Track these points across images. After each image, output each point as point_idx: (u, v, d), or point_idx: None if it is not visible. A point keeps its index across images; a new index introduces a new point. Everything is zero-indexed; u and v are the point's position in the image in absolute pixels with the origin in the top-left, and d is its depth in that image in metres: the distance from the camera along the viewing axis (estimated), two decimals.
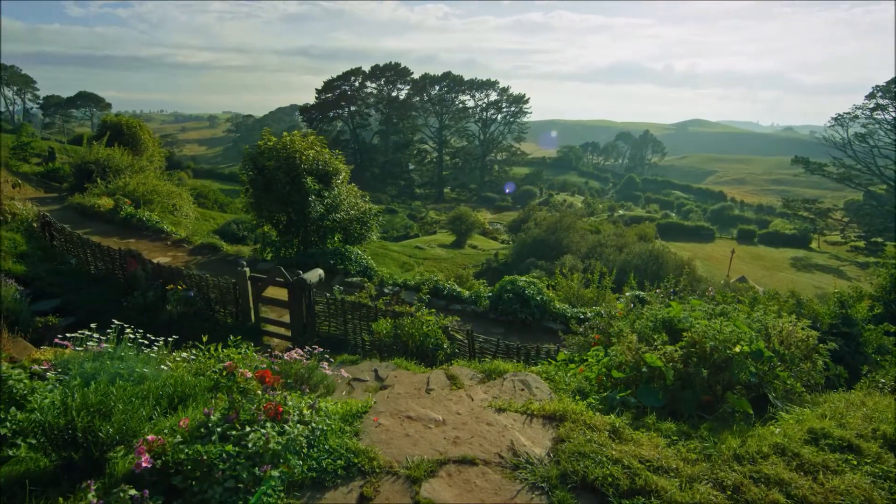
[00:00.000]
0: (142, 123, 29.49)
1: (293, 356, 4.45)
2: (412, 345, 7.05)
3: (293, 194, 12.09)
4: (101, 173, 20.27)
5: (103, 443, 2.77)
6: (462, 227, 45.89)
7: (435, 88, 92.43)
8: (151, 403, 3.29)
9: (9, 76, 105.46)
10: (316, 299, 8.30)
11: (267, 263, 12.57)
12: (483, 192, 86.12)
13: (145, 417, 3.07)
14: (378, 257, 36.54)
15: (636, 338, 4.72)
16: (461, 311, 10.71)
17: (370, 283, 11.29)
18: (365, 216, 13.32)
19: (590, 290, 13.09)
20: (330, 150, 13.62)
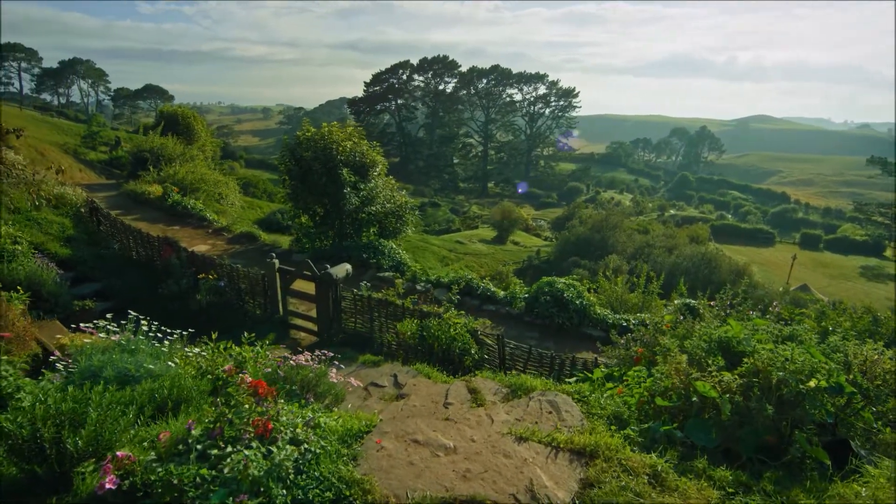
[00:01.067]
0: (195, 114, 30.48)
1: (300, 360, 4.14)
2: (438, 348, 6.65)
3: (329, 185, 11.95)
4: (155, 161, 21.00)
5: (71, 456, 2.52)
6: (504, 222, 45.12)
7: (482, 82, 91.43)
8: (135, 410, 3.04)
9: (84, 70, 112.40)
10: (342, 294, 8.05)
11: (302, 255, 12.51)
12: (527, 187, 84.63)
13: (125, 427, 2.81)
14: (418, 251, 36.44)
15: (686, 359, 4.11)
16: (495, 312, 10.22)
17: (401, 278, 10.99)
18: (401, 210, 13.02)
19: (635, 294, 12.25)
20: (368, 142, 13.39)
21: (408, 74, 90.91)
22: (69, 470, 2.53)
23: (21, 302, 6.58)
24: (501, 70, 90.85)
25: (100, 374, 4.27)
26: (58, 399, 2.75)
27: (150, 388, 3.46)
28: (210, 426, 2.81)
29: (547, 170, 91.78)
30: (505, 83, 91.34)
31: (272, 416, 2.99)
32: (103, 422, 2.69)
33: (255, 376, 4.12)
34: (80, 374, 4.26)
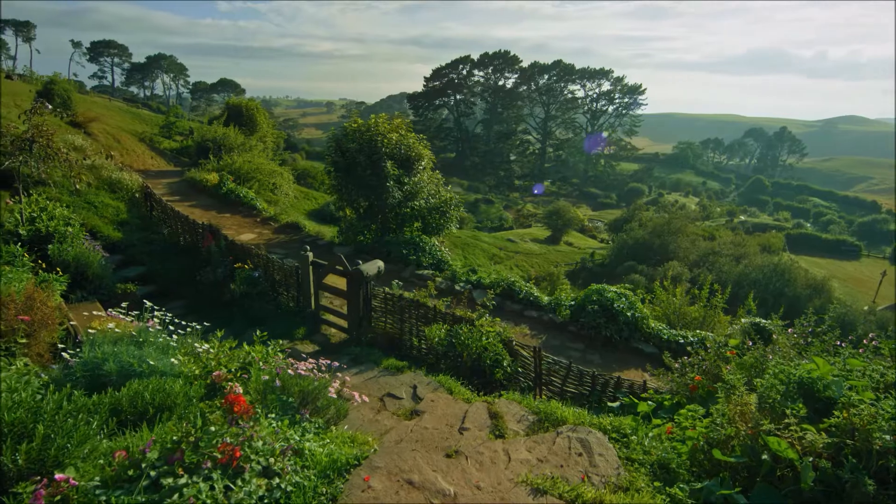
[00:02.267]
0: (259, 106, 31.51)
1: (301, 369, 3.75)
2: (467, 357, 6.13)
3: (372, 178, 11.68)
4: (217, 151, 21.78)
5: (9, 473, 2.23)
6: (559, 222, 43.73)
7: (543, 77, 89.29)
8: (100, 420, 2.74)
9: (168, 65, 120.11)
10: (373, 292, 7.69)
11: (343, 248, 12.36)
12: (585, 187, 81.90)
13: (80, 441, 2.50)
14: (468, 247, 35.96)
15: (755, 401, 3.36)
16: (537, 318, 9.55)
17: (440, 277, 10.54)
18: (445, 206, 12.56)
19: (695, 307, 11.12)
20: (416, 135, 13.01)
21: (468, 70, 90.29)
22: (8, 489, 2.24)
23: (60, 283, 6.71)
24: (564, 65, 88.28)
25: (101, 367, 4.11)
26: (14, 404, 2.47)
27: (133, 392, 3.17)
28: (171, 448, 2.45)
29: (607, 169, 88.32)
30: (567, 79, 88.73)
31: (246, 440, 2.59)
32: (53, 435, 2.39)
33: (257, 382, 3.79)
34: (81, 367, 4.10)
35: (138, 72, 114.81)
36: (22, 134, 7.11)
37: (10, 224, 7.83)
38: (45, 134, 7.17)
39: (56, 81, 28.49)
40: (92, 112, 21.38)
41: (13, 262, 6.60)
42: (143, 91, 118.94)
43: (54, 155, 7.33)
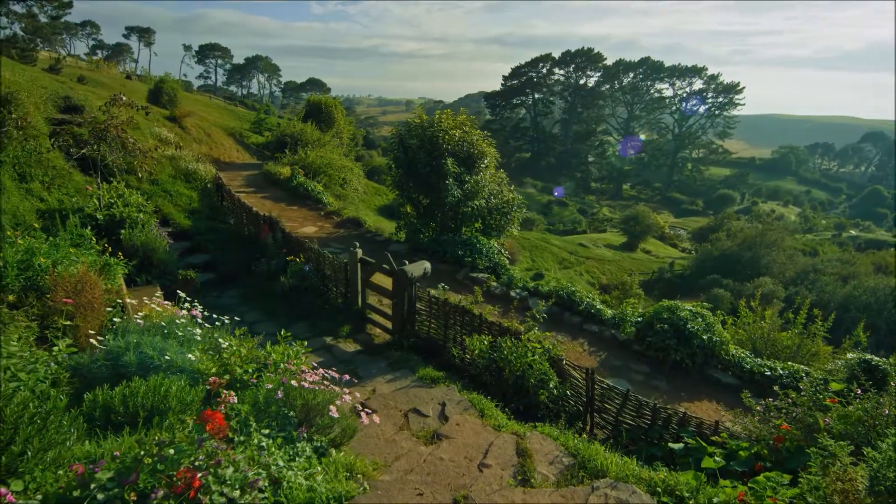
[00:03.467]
0: (337, 103, 32.54)
1: (307, 380, 3.42)
2: (509, 374, 5.57)
3: (432, 176, 11.36)
4: (293, 145, 22.68)
5: None
6: (636, 228, 41.28)
7: (628, 76, 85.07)
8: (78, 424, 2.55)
9: (263, 65, 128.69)
10: (418, 294, 7.33)
11: (400, 245, 12.18)
12: (668, 192, 76.97)
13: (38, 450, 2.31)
14: (536, 250, 34.88)
15: (865, 480, 2.55)
16: (597, 334, 8.72)
17: (495, 281, 9.99)
18: (506, 206, 11.96)
19: (788, 334, 9.63)
20: (480, 132, 12.53)
21: (548, 68, 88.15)
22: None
23: (122, 268, 7.00)
24: (652, 63, 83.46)
25: (120, 358, 4.06)
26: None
27: (126, 392, 3.00)
28: (129, 467, 2.18)
29: (694, 174, 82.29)
30: (654, 77, 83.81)
31: (213, 466, 2.27)
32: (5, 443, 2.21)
33: (261, 391, 3.52)
34: (103, 356, 4.08)
35: (237, 72, 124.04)
36: (98, 124, 7.58)
37: (90, 209, 8.37)
38: (117, 125, 7.58)
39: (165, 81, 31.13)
40: (186, 108, 23.05)
41: (81, 244, 6.96)
42: (240, 90, 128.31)
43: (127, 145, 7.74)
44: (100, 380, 3.94)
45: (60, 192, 8.85)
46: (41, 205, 8.45)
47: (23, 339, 3.97)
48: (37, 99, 11.30)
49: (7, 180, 8.47)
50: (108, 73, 55.22)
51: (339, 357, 7.18)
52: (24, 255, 5.53)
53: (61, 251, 6.06)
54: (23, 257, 5.50)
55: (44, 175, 8.97)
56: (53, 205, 8.58)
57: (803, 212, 65.65)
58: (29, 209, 8.19)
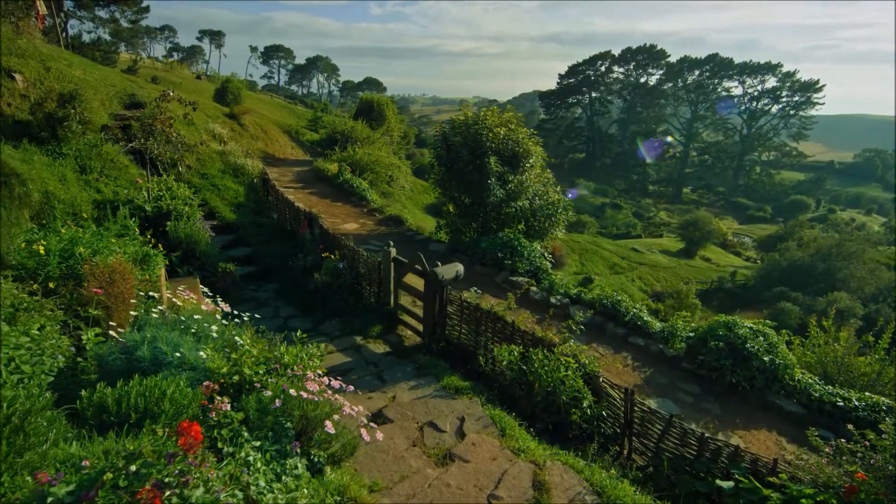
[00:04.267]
0: (389, 102, 32.88)
1: (302, 391, 3.19)
2: (539, 389, 5.17)
3: (474, 174, 11.03)
4: (344, 143, 23.05)
5: None
6: (695, 233, 39.10)
7: (693, 73, 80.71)
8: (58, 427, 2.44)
9: (323, 65, 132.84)
10: (449, 298, 7.04)
11: (439, 245, 11.94)
12: (733, 196, 72.49)
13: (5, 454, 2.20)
14: (586, 254, 33.72)
15: None
16: (643, 348, 8.09)
17: (535, 286, 9.53)
18: (551, 208, 11.43)
19: (867, 359, 8.56)
20: (527, 130, 12.06)
21: (607, 66, 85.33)
22: None
23: (163, 259, 7.16)
24: (720, 60, 78.74)
25: (134, 352, 4.03)
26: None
27: (119, 392, 2.89)
28: (90, 482, 2.02)
29: (763, 177, 76.94)
30: (722, 75, 78.99)
31: (181, 485, 2.08)
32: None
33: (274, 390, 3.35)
34: (118, 349, 4.07)
35: (299, 72, 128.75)
36: (145, 119, 7.84)
37: (140, 200, 8.68)
38: (163, 120, 7.82)
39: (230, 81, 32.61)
40: (245, 106, 23.93)
41: (125, 234, 7.18)
42: (301, 89, 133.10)
43: (171, 139, 7.96)
44: (116, 373, 3.92)
45: (116, 184, 9.26)
46: (97, 195, 8.86)
47: (46, 327, 4.01)
48: (103, 96, 11.93)
49: (69, 172, 8.94)
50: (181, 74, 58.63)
51: (367, 358, 7.02)
52: (67, 244, 5.71)
53: (104, 241, 6.24)
54: (66, 246, 5.67)
55: (102, 167, 9.41)
56: (108, 196, 8.98)
57: (889, 222, 59.67)
58: (86, 199, 8.60)
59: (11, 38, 10.70)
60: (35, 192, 7.89)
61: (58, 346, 3.87)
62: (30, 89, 9.81)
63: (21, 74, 9.93)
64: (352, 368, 6.71)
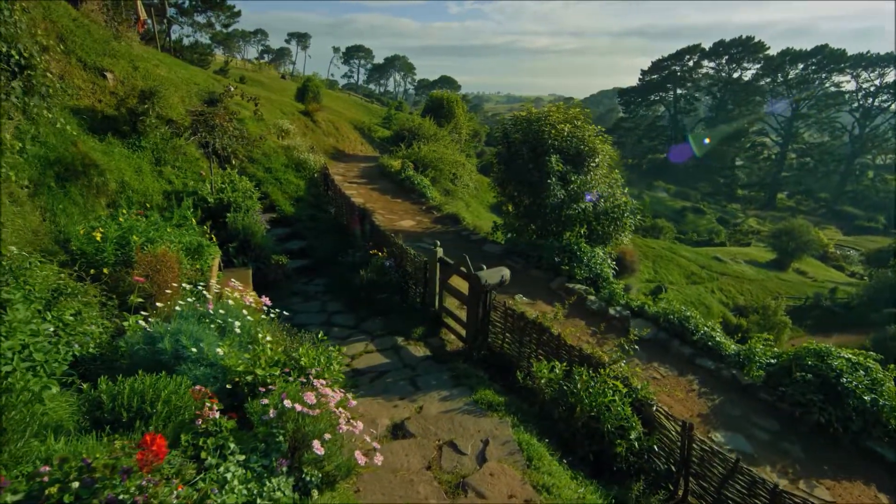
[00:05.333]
0: (458, 99, 32.73)
1: (301, 403, 2.94)
2: (580, 413, 4.64)
3: (534, 173, 10.45)
4: (410, 139, 23.16)
5: None
6: (789, 243, 35.44)
7: (796, 67, 73.16)
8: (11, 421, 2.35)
9: (400, 64, 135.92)
10: (494, 304, 6.62)
11: (495, 246, 11.50)
12: (838, 204, 65.01)
13: None
14: (660, 261, 31.61)
15: None
16: (713, 371, 7.19)
17: (593, 295, 8.84)
18: (616, 211, 10.58)
19: None
20: (594, 127, 11.28)
21: (695, 60, 79.84)
22: None
23: (216, 249, 7.36)
24: (830, 52, 70.72)
25: (156, 343, 4.03)
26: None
27: (113, 390, 2.81)
28: (35, 495, 1.88)
29: (877, 184, 68.20)
30: (832, 68, 70.88)
31: None
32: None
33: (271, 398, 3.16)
34: (143, 340, 4.09)
35: (377, 71, 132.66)
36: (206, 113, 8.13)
37: (204, 192, 9.06)
38: (220, 115, 8.06)
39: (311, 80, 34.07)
40: (318, 104, 24.76)
41: (183, 224, 7.46)
42: (378, 88, 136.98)
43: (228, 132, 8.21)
44: (140, 364, 3.94)
45: (185, 176, 9.75)
46: (167, 186, 9.36)
47: (82, 312, 4.11)
48: (183, 93, 12.67)
49: (145, 163, 9.52)
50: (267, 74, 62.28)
51: (405, 360, 6.79)
52: (125, 232, 5.97)
53: (159, 230, 6.48)
54: (123, 234, 5.93)
55: (174, 160, 9.95)
56: (178, 187, 9.46)
57: None
58: (157, 190, 9.10)
59: (108, 40, 11.63)
60: (112, 181, 8.44)
61: (87, 332, 3.96)
62: (118, 87, 10.59)
63: (112, 73, 10.75)
64: (388, 371, 6.50)
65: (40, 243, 5.94)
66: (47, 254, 5.60)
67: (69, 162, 7.48)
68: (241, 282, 7.36)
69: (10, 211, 5.56)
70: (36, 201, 6.63)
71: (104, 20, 12.98)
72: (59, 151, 7.42)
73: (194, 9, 37.46)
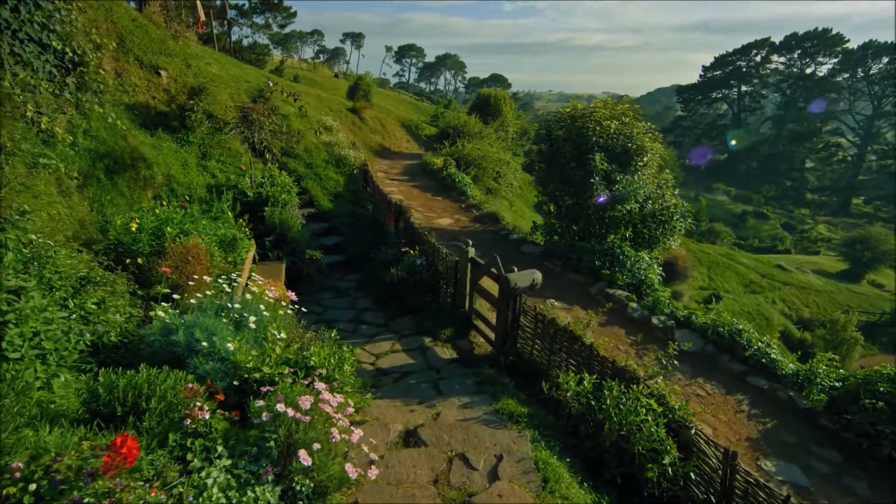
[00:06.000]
0: (506, 97, 32.25)
1: (295, 408, 2.79)
2: (608, 432, 4.28)
3: (576, 172, 9.98)
4: (455, 137, 22.98)
5: None
6: (864, 253, 32.64)
7: (880, 61, 67.04)
8: None
9: (451, 63, 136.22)
10: (524, 308, 6.30)
11: (534, 247, 11.11)
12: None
13: None
14: (716, 267, 29.88)
15: None
16: (766, 392, 6.55)
17: (635, 303, 8.31)
18: (665, 214, 9.92)
19: None
20: (644, 125, 10.65)
21: (763, 55, 74.97)
22: None
23: (249, 241, 7.45)
24: None
25: (170, 335, 4.02)
26: None
27: (109, 382, 2.77)
28: None
29: None
30: None
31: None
32: None
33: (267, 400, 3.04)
34: (160, 331, 4.10)
35: (427, 70, 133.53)
36: (244, 109, 8.27)
37: (244, 186, 9.25)
38: (258, 110, 8.17)
39: (362, 79, 34.71)
40: (364, 102, 25.05)
41: (219, 217, 7.60)
42: (428, 86, 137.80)
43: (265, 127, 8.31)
44: (155, 355, 3.96)
45: (229, 170, 10.00)
46: (211, 180, 9.63)
47: (106, 301, 4.18)
48: (232, 90, 13.05)
49: (191, 158, 9.84)
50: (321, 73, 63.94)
51: (430, 362, 6.60)
52: (160, 223, 6.11)
53: (193, 222, 6.61)
54: (159, 225, 6.08)
55: (219, 154, 10.24)
56: (221, 180, 9.72)
57: None
58: (201, 183, 9.38)
59: (164, 39, 12.14)
60: (158, 174, 8.76)
61: (108, 321, 4.03)
62: (171, 84, 11.03)
63: (166, 71, 11.21)
64: (412, 372, 6.34)
65: (85, 233, 6.20)
66: (91, 243, 5.84)
67: (118, 155, 7.80)
68: (273, 276, 7.43)
69: (54, 201, 5.80)
70: (85, 192, 6.93)
71: (164, 21, 13.60)
72: (109, 145, 7.75)
73: (253, 10, 38.94)
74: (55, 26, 6.63)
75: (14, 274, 3.22)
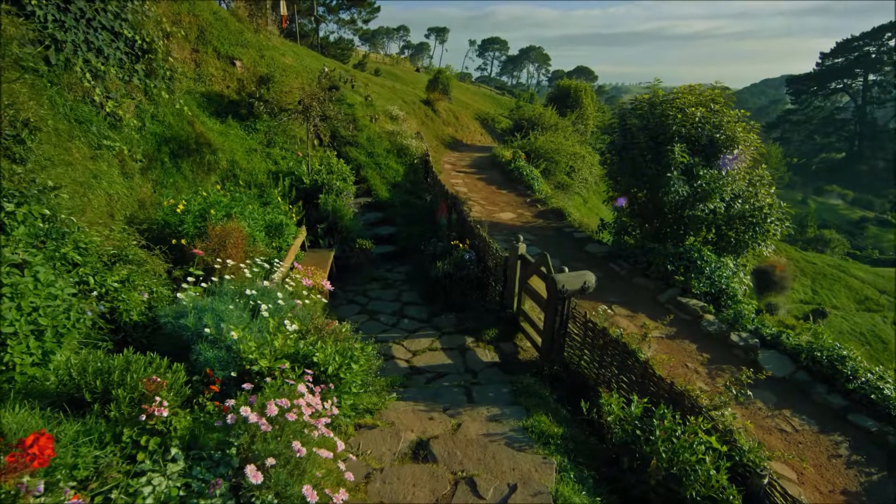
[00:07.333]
0: (588, 88, 30.63)
1: (268, 412, 2.46)
2: (655, 468, 3.59)
3: (651, 165, 8.95)
4: (529, 129, 22.12)
5: None
6: None
7: None
8: None
9: (535, 55, 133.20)
10: (573, 313, 5.64)
11: (600, 246, 10.20)
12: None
13: None
14: (822, 279, 26.43)
15: None
16: (872, 435, 5.35)
17: (711, 315, 7.26)
18: (756, 215, 8.60)
19: None
20: (735, 112, 9.34)
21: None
22: None
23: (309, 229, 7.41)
24: None
25: (179, 319, 3.91)
26: None
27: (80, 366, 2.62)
28: None
29: None
30: None
31: None
32: None
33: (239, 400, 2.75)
34: (174, 313, 4.01)
35: (510, 63, 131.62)
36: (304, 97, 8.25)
37: (301, 173, 9.31)
38: (316, 99, 8.10)
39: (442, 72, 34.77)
40: (437, 94, 24.93)
41: (269, 203, 7.64)
42: (511, 80, 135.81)
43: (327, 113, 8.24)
44: (166, 338, 3.88)
45: (290, 158, 10.15)
46: (273, 167, 9.81)
47: (132, 278, 4.18)
48: (304, 81, 13.31)
49: (256, 144, 10.10)
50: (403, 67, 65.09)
51: (469, 365, 6.17)
52: (207, 206, 6.19)
53: (242, 206, 6.65)
54: (205, 208, 6.16)
55: (283, 142, 10.43)
56: (283, 167, 9.87)
57: None
58: (263, 170, 9.58)
59: (242, 31, 12.62)
60: (223, 160, 9.03)
61: (129, 299, 4.01)
62: (244, 74, 11.42)
63: (240, 61, 11.63)
64: (447, 374, 5.94)
65: (144, 213, 6.44)
66: (140, 222, 6.04)
67: (183, 140, 8.10)
68: (320, 263, 7.35)
69: (114, 181, 6.04)
70: (148, 174, 7.23)
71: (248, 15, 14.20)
72: (175, 130, 8.07)
73: (339, 6, 40.26)
74: (127, 15, 6.95)
75: (24, 248, 3.22)
